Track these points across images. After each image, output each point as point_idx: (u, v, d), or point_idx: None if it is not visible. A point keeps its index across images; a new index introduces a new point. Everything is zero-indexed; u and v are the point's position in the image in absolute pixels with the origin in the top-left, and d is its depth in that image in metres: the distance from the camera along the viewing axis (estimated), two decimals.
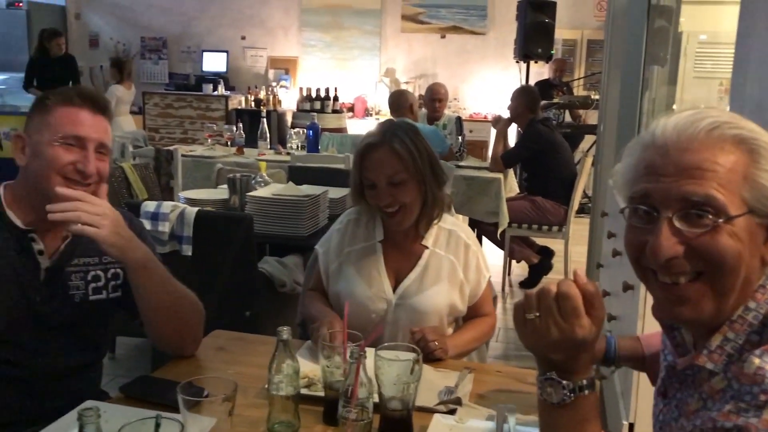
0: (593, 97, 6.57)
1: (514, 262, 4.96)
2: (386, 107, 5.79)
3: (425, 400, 1.37)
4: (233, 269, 2.64)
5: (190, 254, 2.63)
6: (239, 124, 5.48)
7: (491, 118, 5.64)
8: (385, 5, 8.29)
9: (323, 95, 7.88)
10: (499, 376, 1.58)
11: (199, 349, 1.60)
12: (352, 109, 8.16)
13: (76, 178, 1.40)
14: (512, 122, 4.87)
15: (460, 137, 5.19)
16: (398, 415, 1.24)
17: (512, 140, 5.32)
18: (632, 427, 1.96)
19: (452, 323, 1.88)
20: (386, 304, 1.78)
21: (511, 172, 5.01)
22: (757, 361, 0.81)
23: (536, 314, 0.91)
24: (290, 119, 7.96)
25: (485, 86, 8.12)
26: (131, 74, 7.14)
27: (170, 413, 1.04)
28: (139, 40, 8.89)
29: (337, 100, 7.91)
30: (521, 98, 4.72)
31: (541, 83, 6.96)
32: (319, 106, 7.79)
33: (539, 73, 7.35)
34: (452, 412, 1.36)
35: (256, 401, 1.38)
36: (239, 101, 8.22)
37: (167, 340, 1.55)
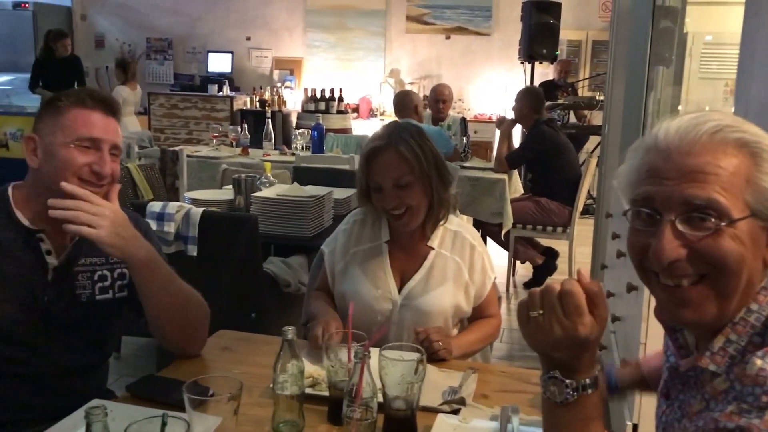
0: (598, 97, 6.56)
1: (518, 262, 4.95)
2: (391, 108, 5.80)
3: (429, 400, 1.38)
4: (238, 269, 2.65)
5: (195, 254, 2.64)
6: (244, 124, 5.49)
7: (496, 118, 5.64)
8: (389, 6, 8.29)
9: (328, 96, 7.88)
10: (503, 376, 1.59)
11: (204, 348, 1.61)
12: (356, 109, 8.16)
13: (91, 179, 1.41)
14: (516, 123, 4.88)
15: (464, 138, 5.19)
16: (402, 414, 1.25)
17: (517, 141, 5.32)
18: (636, 427, 1.96)
19: (457, 324, 1.88)
20: (391, 304, 1.79)
21: (515, 172, 5.00)
22: (759, 362, 0.82)
23: (540, 312, 0.91)
24: (295, 120, 7.97)
25: (490, 87, 8.11)
26: (136, 75, 7.17)
27: (176, 412, 1.04)
28: (144, 41, 8.92)
29: (341, 100, 7.91)
30: (526, 99, 4.72)
31: (545, 84, 6.95)
32: (323, 106, 7.79)
33: (544, 73, 7.34)
34: (456, 412, 1.37)
35: (261, 400, 1.38)
36: (244, 102, 8.23)
37: (172, 339, 1.55)
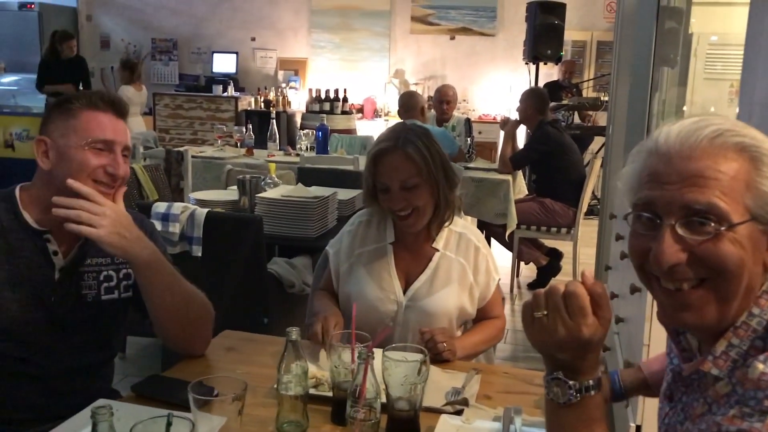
0: (602, 98, 6.55)
1: (522, 263, 4.95)
2: (395, 108, 5.80)
3: (432, 400, 1.38)
4: (243, 270, 2.66)
5: (200, 255, 2.65)
6: (249, 125, 5.50)
7: (500, 119, 5.63)
8: (394, 7, 8.30)
9: (332, 96, 7.89)
10: (506, 377, 1.59)
11: (209, 349, 1.61)
12: (361, 110, 8.17)
13: (106, 180, 1.42)
14: (521, 124, 4.87)
15: (469, 139, 5.19)
16: (405, 415, 1.25)
17: (521, 142, 5.31)
18: (639, 429, 1.96)
19: (461, 326, 1.88)
20: (396, 305, 1.79)
21: (519, 173, 5.00)
22: (761, 366, 0.82)
23: (544, 313, 0.92)
24: (299, 120, 7.98)
25: (494, 88, 8.11)
26: (141, 75, 7.19)
27: (181, 412, 1.05)
28: (149, 41, 8.94)
29: (346, 101, 7.92)
30: (530, 100, 4.71)
31: (550, 85, 6.95)
32: (328, 107, 7.80)
33: (548, 74, 7.33)
34: (459, 412, 1.37)
35: (265, 401, 1.39)
36: (249, 102, 8.24)
37: (176, 339, 1.56)
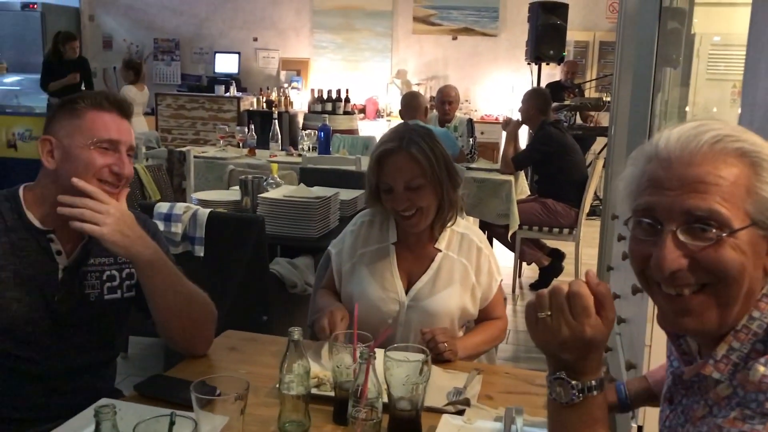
0: (605, 99, 6.54)
1: (524, 264, 4.95)
2: (397, 109, 5.80)
3: (434, 400, 1.38)
4: (245, 270, 2.67)
5: (202, 255, 2.66)
6: (251, 125, 5.50)
7: (502, 120, 5.64)
8: (396, 7, 8.30)
9: (335, 97, 7.90)
10: (507, 377, 1.59)
11: (211, 348, 1.62)
12: (363, 110, 8.17)
13: (111, 180, 1.43)
14: (523, 124, 4.87)
15: (471, 139, 5.19)
16: (407, 415, 1.25)
17: (524, 142, 5.32)
18: (641, 430, 1.96)
19: (463, 327, 1.89)
20: (398, 305, 1.80)
21: (522, 174, 5.00)
22: (762, 369, 0.82)
23: (548, 313, 0.92)
24: (302, 121, 7.99)
25: (497, 88, 8.11)
26: (144, 76, 7.20)
27: (183, 411, 1.05)
28: (152, 41, 8.95)
29: (348, 101, 7.92)
30: (532, 100, 4.72)
31: (552, 85, 6.94)
32: (330, 107, 7.81)
33: (551, 74, 7.33)
34: (461, 412, 1.37)
35: (267, 400, 1.39)
36: (251, 102, 8.25)
37: (178, 339, 1.57)
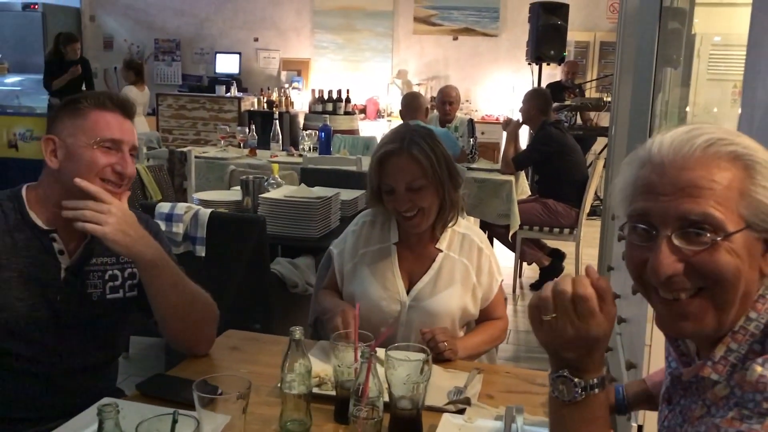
0: (605, 99, 6.55)
1: (525, 264, 4.95)
2: (398, 109, 5.80)
3: (434, 399, 1.39)
4: (246, 270, 2.67)
5: (203, 255, 2.66)
6: (252, 125, 5.51)
7: (503, 120, 5.64)
8: (397, 7, 8.31)
9: (335, 97, 7.90)
10: (508, 377, 1.60)
11: (212, 348, 1.62)
12: (364, 110, 8.17)
13: (114, 179, 1.44)
14: (523, 124, 4.88)
15: (471, 139, 5.20)
16: (408, 414, 1.26)
17: (524, 142, 5.32)
18: (641, 429, 1.96)
19: (464, 327, 1.89)
20: (399, 305, 1.80)
21: (522, 174, 5.00)
22: (759, 369, 0.83)
23: (553, 315, 0.92)
24: (302, 121, 7.99)
25: (497, 88, 8.11)
26: (145, 76, 7.20)
27: (185, 410, 1.06)
28: (152, 42, 8.95)
29: (349, 101, 7.93)
30: (533, 101, 4.72)
31: (553, 85, 6.95)
32: (331, 107, 7.81)
33: (551, 75, 7.33)
34: (461, 411, 1.38)
35: (269, 399, 1.40)
36: (252, 103, 8.25)
37: (180, 338, 1.57)
